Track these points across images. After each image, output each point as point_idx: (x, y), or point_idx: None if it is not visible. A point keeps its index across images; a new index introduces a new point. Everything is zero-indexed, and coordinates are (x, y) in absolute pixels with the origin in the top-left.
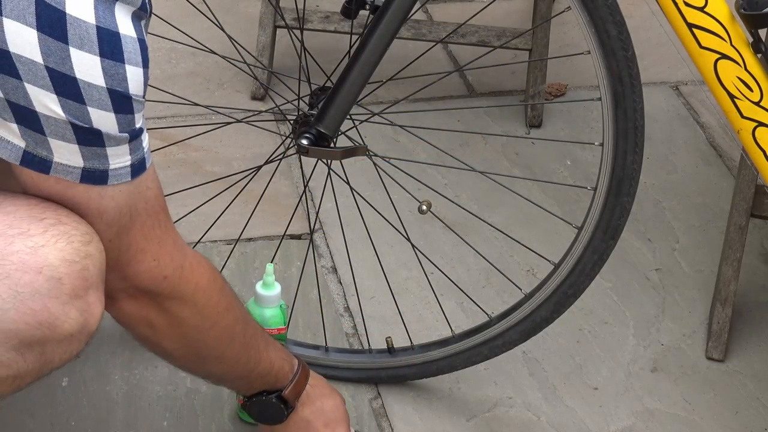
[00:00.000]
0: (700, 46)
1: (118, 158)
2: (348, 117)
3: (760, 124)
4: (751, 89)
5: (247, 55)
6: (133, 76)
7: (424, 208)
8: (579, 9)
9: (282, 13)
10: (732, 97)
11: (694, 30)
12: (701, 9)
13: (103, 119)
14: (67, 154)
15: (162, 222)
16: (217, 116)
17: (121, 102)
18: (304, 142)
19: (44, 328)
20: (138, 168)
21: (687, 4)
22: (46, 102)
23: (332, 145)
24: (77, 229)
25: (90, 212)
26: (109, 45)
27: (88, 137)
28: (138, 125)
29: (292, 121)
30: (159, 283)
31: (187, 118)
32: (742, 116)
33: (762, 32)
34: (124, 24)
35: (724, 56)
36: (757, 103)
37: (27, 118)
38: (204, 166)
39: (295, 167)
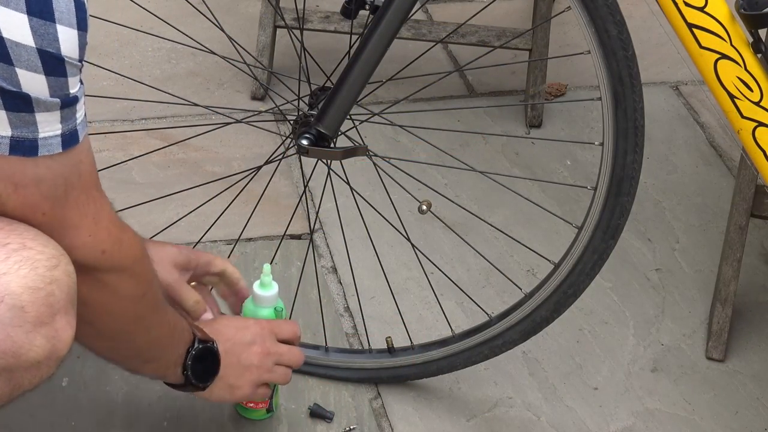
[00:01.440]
0: (700, 46)
1: (48, 126)
2: (348, 117)
3: (760, 124)
4: (751, 89)
5: (247, 55)
6: (66, 36)
7: (424, 208)
8: (579, 9)
9: (282, 13)
10: (732, 97)
11: (694, 30)
12: (701, 9)
13: (33, 82)
14: None
15: (96, 198)
16: (217, 116)
17: (53, 64)
18: (304, 142)
19: (8, 357)
20: (69, 139)
21: (687, 4)
22: None
23: (332, 145)
24: (43, 254)
25: (26, 181)
26: (37, 3)
27: (16, 102)
28: (72, 91)
29: (292, 122)
30: (96, 258)
31: (187, 118)
32: (742, 116)
33: (762, 32)
34: None
35: (724, 56)
36: (757, 103)
37: None
38: (204, 166)
39: (295, 167)
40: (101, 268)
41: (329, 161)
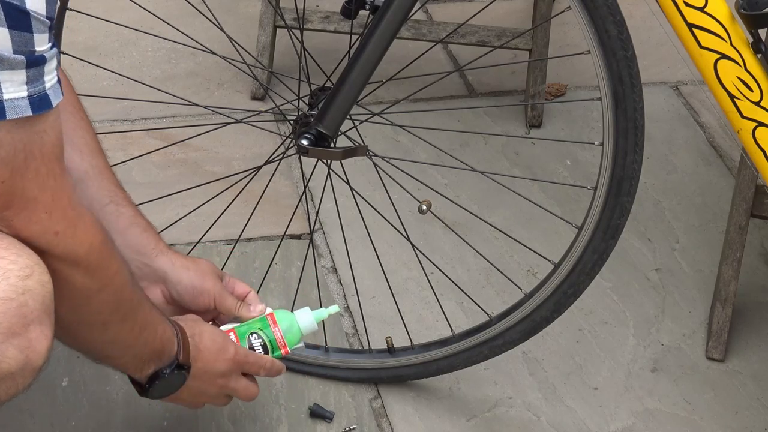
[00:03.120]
0: (700, 46)
1: (13, 87)
2: (348, 117)
3: (760, 124)
4: (751, 89)
5: (246, 55)
6: None
7: (424, 208)
8: (579, 9)
9: (282, 13)
10: (732, 97)
11: (694, 30)
12: (701, 9)
13: None
14: None
15: (57, 174)
16: (217, 116)
17: (16, 16)
18: (304, 142)
19: None
20: (38, 103)
21: (687, 4)
22: None
23: (332, 145)
24: (15, 263)
25: None
26: None
27: None
28: (38, 49)
29: (292, 122)
30: (50, 239)
31: (187, 118)
32: (742, 116)
33: (762, 32)
34: None
35: (724, 56)
36: (757, 103)
37: None
38: (204, 166)
39: (295, 167)
40: (53, 253)
41: (329, 161)
